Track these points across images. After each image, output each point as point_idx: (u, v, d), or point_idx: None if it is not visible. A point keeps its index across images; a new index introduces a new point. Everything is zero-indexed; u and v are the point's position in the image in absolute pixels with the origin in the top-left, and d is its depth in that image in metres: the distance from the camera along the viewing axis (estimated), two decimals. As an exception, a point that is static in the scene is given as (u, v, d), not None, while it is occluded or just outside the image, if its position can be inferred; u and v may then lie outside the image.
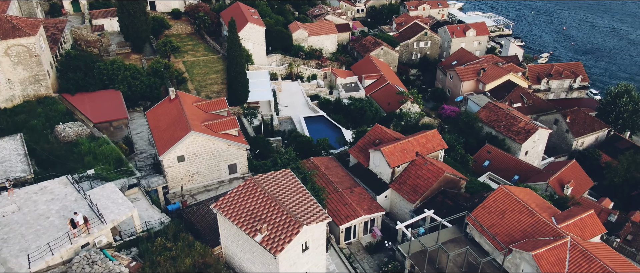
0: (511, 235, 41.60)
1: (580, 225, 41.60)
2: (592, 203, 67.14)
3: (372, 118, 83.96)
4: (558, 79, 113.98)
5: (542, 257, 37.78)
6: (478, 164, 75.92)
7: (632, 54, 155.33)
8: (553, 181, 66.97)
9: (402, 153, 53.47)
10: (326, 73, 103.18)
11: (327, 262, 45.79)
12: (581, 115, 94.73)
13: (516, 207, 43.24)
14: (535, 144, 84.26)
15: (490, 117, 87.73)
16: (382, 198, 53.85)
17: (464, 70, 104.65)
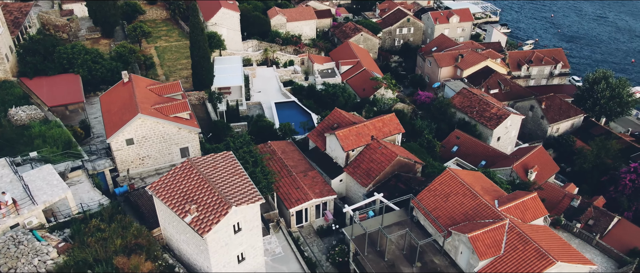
0: (453, 217, 41.55)
1: (522, 208, 41.51)
2: (557, 189, 67.09)
3: (344, 104, 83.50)
4: (538, 65, 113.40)
5: (478, 239, 37.75)
6: (447, 149, 75.76)
7: (618, 41, 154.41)
8: (517, 166, 66.82)
9: (357, 137, 53.30)
10: (303, 59, 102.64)
11: (274, 244, 45.90)
12: (557, 101, 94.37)
13: (460, 190, 43.14)
14: (507, 130, 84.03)
15: (463, 102, 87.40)
16: (337, 182, 53.79)
17: (442, 56, 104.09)
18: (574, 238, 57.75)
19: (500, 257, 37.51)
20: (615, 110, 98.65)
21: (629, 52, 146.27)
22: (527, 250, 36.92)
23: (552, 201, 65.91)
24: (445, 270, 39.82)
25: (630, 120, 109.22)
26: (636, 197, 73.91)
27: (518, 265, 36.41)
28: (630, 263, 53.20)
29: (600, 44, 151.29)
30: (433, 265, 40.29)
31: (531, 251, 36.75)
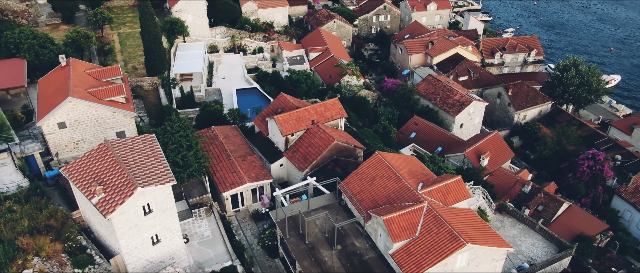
0: (376, 200, 41.49)
1: (444, 191, 41.41)
2: (509, 174, 66.98)
3: (307, 90, 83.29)
4: (512, 52, 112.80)
5: (393, 221, 37.70)
6: (405, 136, 75.58)
7: (599, 29, 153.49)
8: (470, 152, 66.64)
9: (297, 122, 53.13)
10: (273, 46, 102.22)
11: (204, 228, 45.95)
12: (524, 88, 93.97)
13: (386, 173, 43.04)
14: (471, 117, 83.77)
15: (428, 89, 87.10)
16: (278, 166, 53.74)
17: (412, 44, 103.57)
18: (518, 223, 57.76)
19: (415, 239, 37.49)
20: (585, 98, 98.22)
21: (609, 41, 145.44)
22: (441, 233, 36.88)
23: (504, 187, 65.88)
24: (364, 252, 39.82)
25: (603, 108, 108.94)
26: (593, 184, 73.82)
27: (431, 247, 36.40)
28: (569, 248, 53.20)
29: (581, 32, 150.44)
30: (353, 248, 40.28)
31: (445, 233, 36.70)
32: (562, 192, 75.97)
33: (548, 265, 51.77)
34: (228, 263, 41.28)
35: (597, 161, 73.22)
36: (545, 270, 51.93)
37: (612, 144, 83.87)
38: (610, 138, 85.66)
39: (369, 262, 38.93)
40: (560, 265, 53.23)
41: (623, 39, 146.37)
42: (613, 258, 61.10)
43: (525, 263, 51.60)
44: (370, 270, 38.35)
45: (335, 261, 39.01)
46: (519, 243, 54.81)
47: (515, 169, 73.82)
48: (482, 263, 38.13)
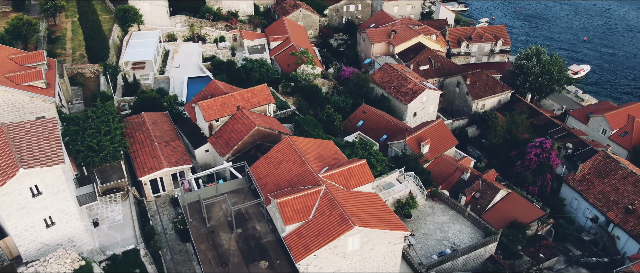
0: (279, 184, 41.44)
1: (347, 175, 41.32)
2: (450, 162, 66.81)
3: (260, 79, 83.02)
4: (478, 42, 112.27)
5: (287, 204, 37.66)
6: (353, 124, 75.42)
7: (574, 19, 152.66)
8: (411, 140, 66.47)
9: (222, 107, 53.02)
10: (236, 35, 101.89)
11: (116, 212, 45.95)
12: (483, 77, 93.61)
13: (292, 158, 42.95)
14: (424, 105, 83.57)
15: (383, 78, 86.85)
16: (203, 152, 53.68)
17: (375, 33, 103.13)
18: (449, 210, 57.70)
19: (308, 222, 37.45)
20: (546, 87, 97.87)
21: (583, 31, 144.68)
22: (333, 216, 36.82)
23: (444, 174, 65.84)
24: (263, 236, 39.82)
25: (569, 98, 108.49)
26: (541, 172, 73.67)
27: (321, 230, 36.36)
28: (494, 234, 53.15)
29: (556, 23, 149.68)
30: (253, 232, 40.28)
31: (335, 216, 36.63)
32: (511, 180, 76.08)
33: (472, 251, 51.77)
34: (131, 247, 41.31)
35: (544, 149, 73.05)
36: (469, 255, 51.94)
37: (566, 133, 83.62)
38: (565, 126, 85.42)
39: (266, 245, 38.94)
40: (486, 251, 53.22)
41: (597, 30, 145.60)
42: (548, 246, 61.13)
43: (448, 249, 51.59)
44: (266, 253, 38.36)
45: (233, 244, 39.03)
46: (447, 229, 54.79)
47: (466, 157, 73.54)
48: (377, 246, 38.10)
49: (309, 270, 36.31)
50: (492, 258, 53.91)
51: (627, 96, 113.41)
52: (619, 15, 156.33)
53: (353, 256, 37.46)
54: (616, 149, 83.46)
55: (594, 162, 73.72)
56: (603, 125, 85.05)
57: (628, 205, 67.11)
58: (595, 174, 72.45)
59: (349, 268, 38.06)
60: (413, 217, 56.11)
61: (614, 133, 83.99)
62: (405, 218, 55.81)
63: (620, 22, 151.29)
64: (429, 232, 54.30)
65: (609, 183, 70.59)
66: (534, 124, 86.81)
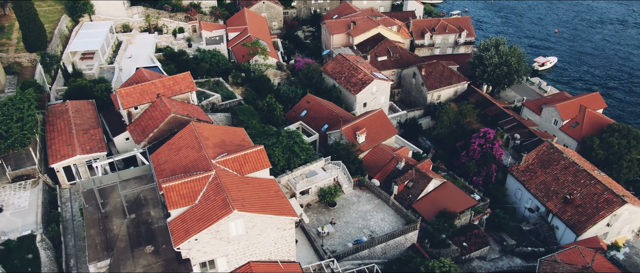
0: (175, 170, 41.31)
1: (241, 161, 41.14)
2: (386, 151, 66.57)
3: (209, 69, 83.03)
4: (442, 33, 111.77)
5: (173, 189, 37.52)
6: (297, 114, 75.19)
7: (546, 12, 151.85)
8: (347, 129, 66.26)
9: (141, 95, 52.87)
10: (195, 26, 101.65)
11: (23, 199, 45.95)
12: (439, 68, 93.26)
13: (191, 144, 42.84)
14: (374, 96, 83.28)
15: (335, 68, 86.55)
16: (123, 139, 53.55)
17: (334, 24, 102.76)
18: (375, 198, 57.57)
19: (193, 207, 37.33)
20: (505, 78, 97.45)
21: (556, 23, 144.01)
22: (216, 200, 36.70)
23: (380, 163, 65.63)
24: (155, 221, 39.77)
25: (532, 89, 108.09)
26: (484, 162, 73.48)
27: (203, 214, 36.26)
28: (413, 222, 53.00)
29: (529, 15, 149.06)
30: (147, 217, 40.24)
31: (219, 201, 36.52)
32: (456, 170, 75.94)
33: (390, 239, 51.65)
34: (27, 232, 41.30)
35: (487, 139, 72.85)
36: (388, 244, 51.82)
37: (516, 123, 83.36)
38: (516, 117, 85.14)
39: (156, 231, 38.91)
40: (406, 239, 53.09)
41: (570, 22, 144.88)
42: (479, 235, 61.02)
43: (364, 237, 51.47)
44: (154, 238, 38.32)
45: (123, 230, 38.98)
46: (369, 217, 54.66)
47: (403, 147, 73.31)
48: (265, 231, 37.98)
49: (191, 254, 36.24)
50: (414, 247, 53.81)
51: (596, 87, 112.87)
52: (593, 7, 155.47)
53: (239, 241, 37.36)
54: (566, 140, 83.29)
55: (538, 152, 73.52)
56: (554, 116, 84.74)
57: (566, 195, 66.90)
58: (538, 164, 72.25)
59: (237, 253, 37.98)
60: (338, 206, 56.01)
61: (565, 124, 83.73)
62: (330, 207, 55.75)
63: (593, 15, 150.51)
64: (351, 220, 54.17)
65: (550, 173, 70.40)
66: (485, 115, 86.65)
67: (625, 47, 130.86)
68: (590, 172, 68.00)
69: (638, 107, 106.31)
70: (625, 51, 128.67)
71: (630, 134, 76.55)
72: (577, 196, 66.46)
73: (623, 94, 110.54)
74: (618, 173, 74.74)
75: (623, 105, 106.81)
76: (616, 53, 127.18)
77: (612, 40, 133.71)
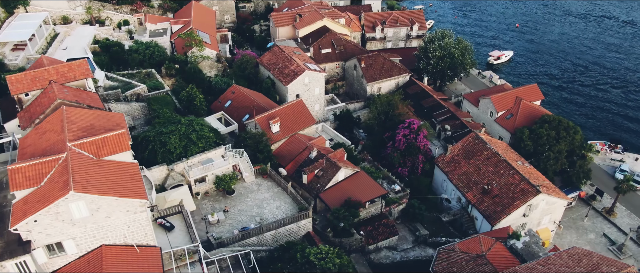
0: (35, 153, 40.95)
1: (100, 144, 40.81)
2: (301, 140, 66.11)
3: (142, 60, 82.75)
4: (393, 26, 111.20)
5: (19, 171, 37.24)
6: (222, 104, 74.88)
7: (508, 7, 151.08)
8: (261, 119, 65.88)
9: (32, 81, 52.57)
10: (140, 18, 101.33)
11: None
12: (379, 60, 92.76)
13: (56, 127, 42.57)
14: (307, 87, 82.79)
15: (270, 60, 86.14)
16: (15, 126, 53.25)
17: (280, 17, 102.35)
18: (276, 186, 57.14)
19: (38, 188, 36.98)
20: (448, 70, 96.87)
21: (517, 18, 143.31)
22: (59, 182, 36.32)
23: (294, 152, 65.22)
24: (8, 204, 39.38)
25: (483, 83, 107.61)
26: (409, 153, 72.98)
27: (43, 196, 35.92)
28: (306, 209, 52.54)
29: (491, 9, 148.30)
30: (3, 200, 39.85)
31: (61, 182, 36.15)
32: (383, 161, 75.42)
33: (280, 227, 51.19)
34: None
35: (412, 130, 72.37)
36: (278, 231, 51.35)
37: (450, 115, 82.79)
38: (451, 109, 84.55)
39: (5, 213, 38.55)
40: (299, 227, 52.61)
41: (532, 16, 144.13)
42: (388, 224, 60.55)
43: (252, 225, 51.03)
44: (3, 220, 37.98)
45: (-25, 212, 38.62)
46: (265, 205, 54.23)
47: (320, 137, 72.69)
48: (113, 214, 37.54)
49: (33, 236, 35.88)
50: (308, 235, 53.33)
51: (549, 80, 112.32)
52: (556, 3, 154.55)
53: (85, 223, 36.96)
54: (501, 131, 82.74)
55: (464, 143, 72.99)
56: (490, 107, 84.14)
57: (485, 185, 66.36)
58: (463, 155, 71.73)
59: (85, 236, 37.60)
60: (236, 194, 55.62)
61: (500, 115, 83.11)
62: (228, 195, 55.35)
63: (558, 10, 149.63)
64: (246, 208, 53.75)
65: (473, 164, 69.88)
66: (421, 106, 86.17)
67: (583, 41, 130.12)
68: (510, 162, 67.42)
69: (583, 99, 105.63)
70: (584, 45, 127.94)
71: (561, 125, 75.87)
72: (494, 186, 65.91)
73: (572, 88, 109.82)
74: (545, 164, 74.07)
75: (573, 98, 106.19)
76: (573, 47, 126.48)
77: (571, 35, 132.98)
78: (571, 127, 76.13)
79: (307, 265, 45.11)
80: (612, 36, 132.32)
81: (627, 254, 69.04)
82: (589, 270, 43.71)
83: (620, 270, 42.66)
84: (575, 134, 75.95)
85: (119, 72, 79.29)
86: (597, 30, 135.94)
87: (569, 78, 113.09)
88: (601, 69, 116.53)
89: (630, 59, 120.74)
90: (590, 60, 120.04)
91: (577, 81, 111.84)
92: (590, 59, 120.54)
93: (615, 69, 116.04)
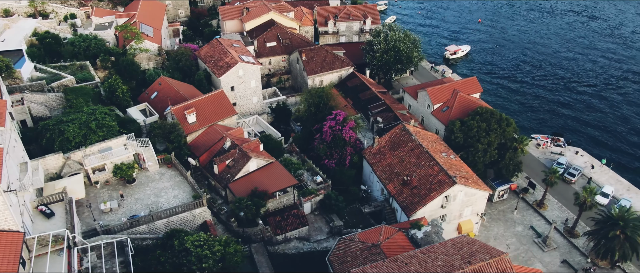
0: None
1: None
2: (217, 131, 65.66)
3: (76, 52, 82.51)
4: (346, 20, 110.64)
5: None
6: (149, 96, 74.53)
7: (472, 2, 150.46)
8: (178, 109, 65.49)
9: None
10: (88, 12, 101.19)
11: None
12: (322, 53, 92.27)
13: None
14: (242, 79, 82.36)
15: (208, 52, 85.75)
16: None
17: (227, 10, 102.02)
18: (179, 176, 56.74)
19: None
20: (394, 64, 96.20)
21: (479, 13, 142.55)
22: None
23: (210, 143, 64.82)
24: None
25: (435, 77, 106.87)
26: (336, 145, 72.43)
27: None
28: (199, 198, 52.10)
29: (454, 5, 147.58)
30: None
31: None
32: (311, 153, 74.89)
33: (172, 215, 50.76)
34: None
35: (338, 121, 71.81)
36: (171, 219, 50.91)
37: (385, 107, 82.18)
38: (387, 101, 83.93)
39: None
40: (194, 215, 52.15)
41: (496, 12, 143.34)
42: (298, 215, 60.08)
43: (142, 213, 50.60)
44: None
45: None
46: (163, 194, 53.86)
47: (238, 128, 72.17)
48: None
49: None
50: (204, 224, 52.87)
51: (502, 73, 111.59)
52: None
53: None
54: (437, 124, 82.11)
55: (391, 135, 72.38)
56: (427, 100, 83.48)
57: (404, 177, 65.76)
58: (389, 147, 71.12)
59: None
60: (137, 182, 55.22)
61: (436, 108, 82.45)
62: (128, 183, 54.94)
63: (523, 5, 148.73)
64: (144, 196, 53.35)
65: (397, 155, 69.25)
66: (359, 99, 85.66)
67: (544, 37, 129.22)
68: (433, 154, 66.76)
69: (532, 93, 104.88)
70: (544, 40, 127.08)
71: (493, 117, 75.11)
72: (414, 178, 65.29)
73: (523, 82, 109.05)
74: (474, 156, 73.35)
75: (523, 91, 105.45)
76: (532, 43, 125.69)
77: (532, 30, 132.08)
78: (504, 119, 75.32)
79: (184, 252, 44.63)
80: (573, 32, 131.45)
81: (552, 246, 68.32)
82: (465, 257, 43.11)
83: (493, 257, 42.02)
84: (507, 126, 75.17)
85: (51, 64, 78.99)
86: (559, 26, 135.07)
87: (522, 72, 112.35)
88: (557, 65, 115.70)
89: (588, 56, 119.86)
90: (547, 56, 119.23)
91: (530, 75, 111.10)
92: (548, 54, 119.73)
93: (570, 66, 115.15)
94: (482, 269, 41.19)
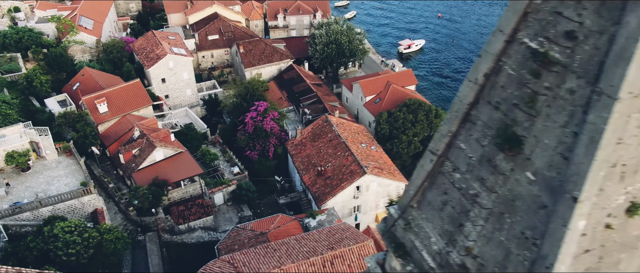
0: None
1: None
2: (131, 120, 65.26)
3: (7, 44, 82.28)
4: (296, 14, 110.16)
5: None
6: (71, 87, 74.20)
7: None
8: (89, 99, 65.15)
9: None
10: (32, 5, 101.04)
11: None
12: (260, 46, 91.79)
13: None
14: (174, 72, 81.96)
15: (141, 45, 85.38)
16: None
17: (171, 3, 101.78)
18: (76, 164, 56.27)
19: None
20: (337, 58, 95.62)
21: (439, 7, 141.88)
22: None
23: (120, 132, 64.45)
24: None
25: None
26: (257, 136, 71.98)
27: None
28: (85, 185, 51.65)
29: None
30: None
31: None
32: (235, 144, 74.52)
33: (58, 203, 50.33)
34: None
35: (259, 112, 71.37)
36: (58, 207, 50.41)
37: (316, 99, 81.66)
38: (319, 94, 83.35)
39: None
40: (83, 203, 51.72)
41: (459, 8, 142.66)
42: (203, 204, 59.59)
43: (25, 200, 50.19)
44: None
45: None
46: (55, 182, 53.46)
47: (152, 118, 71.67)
48: None
49: None
50: (95, 212, 52.43)
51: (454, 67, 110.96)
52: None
53: None
54: (369, 116, 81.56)
55: (314, 126, 71.85)
56: (360, 92, 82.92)
57: (320, 167, 65.21)
58: (310, 138, 70.59)
59: None
60: (32, 170, 54.81)
61: (369, 100, 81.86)
62: (23, 172, 54.54)
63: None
64: (34, 184, 52.95)
65: (316, 146, 68.71)
66: (292, 91, 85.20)
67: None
68: (349, 144, 66.17)
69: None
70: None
71: (421, 109, 74.53)
72: (328, 168, 64.73)
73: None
74: (398, 147, 72.77)
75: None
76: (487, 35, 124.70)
77: (490, 24, 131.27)
78: (432, 111, 74.74)
79: (53, 238, 44.18)
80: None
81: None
82: (332, 243, 42.55)
83: (356, 243, 41.46)
84: (435, 117, 74.54)
85: (-22, 56, 78.85)
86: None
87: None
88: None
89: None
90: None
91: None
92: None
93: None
94: (344, 254, 40.64)
